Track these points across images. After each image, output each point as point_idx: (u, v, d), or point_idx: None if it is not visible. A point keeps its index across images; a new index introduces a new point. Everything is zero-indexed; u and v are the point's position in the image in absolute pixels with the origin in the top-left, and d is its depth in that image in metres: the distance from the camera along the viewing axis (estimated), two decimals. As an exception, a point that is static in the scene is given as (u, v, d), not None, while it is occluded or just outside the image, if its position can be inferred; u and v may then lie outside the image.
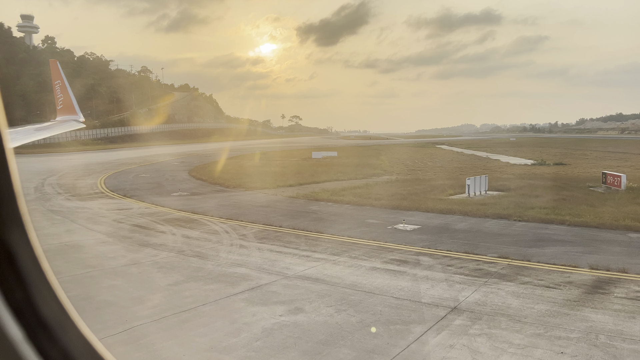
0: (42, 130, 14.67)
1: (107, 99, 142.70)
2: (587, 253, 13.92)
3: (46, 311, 1.16)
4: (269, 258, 13.47)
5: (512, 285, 11.05)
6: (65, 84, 17.49)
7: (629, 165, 48.53)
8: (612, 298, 10.20)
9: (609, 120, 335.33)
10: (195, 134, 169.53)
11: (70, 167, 50.99)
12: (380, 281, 11.39)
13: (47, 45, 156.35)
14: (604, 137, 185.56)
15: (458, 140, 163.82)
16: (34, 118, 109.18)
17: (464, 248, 14.39)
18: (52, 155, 72.80)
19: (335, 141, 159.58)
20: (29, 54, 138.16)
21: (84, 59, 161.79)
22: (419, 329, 8.59)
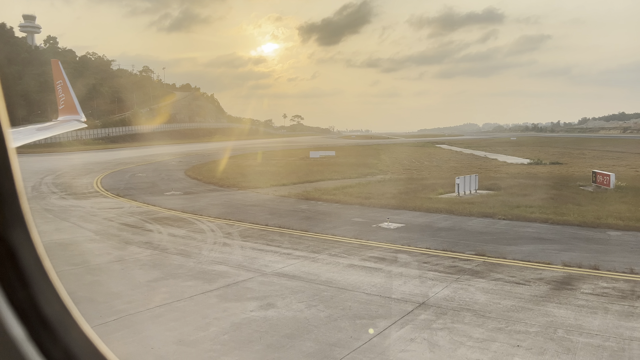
0: (43, 130, 14.77)
1: (109, 99, 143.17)
2: (564, 251, 14.13)
3: (48, 310, 1.16)
4: (250, 256, 13.72)
5: (483, 282, 11.28)
6: (67, 83, 17.59)
7: (625, 165, 48.62)
8: (578, 294, 10.42)
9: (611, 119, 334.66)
10: (196, 134, 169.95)
11: (69, 166, 51.31)
12: (355, 278, 11.63)
13: (49, 45, 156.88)
14: (605, 136, 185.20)
15: (459, 139, 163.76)
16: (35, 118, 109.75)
17: (443, 246, 14.62)
18: (52, 154, 73.18)
19: (335, 141, 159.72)
20: (31, 54, 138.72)
21: (86, 58, 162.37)
22: (384, 324, 8.84)
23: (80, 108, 17.84)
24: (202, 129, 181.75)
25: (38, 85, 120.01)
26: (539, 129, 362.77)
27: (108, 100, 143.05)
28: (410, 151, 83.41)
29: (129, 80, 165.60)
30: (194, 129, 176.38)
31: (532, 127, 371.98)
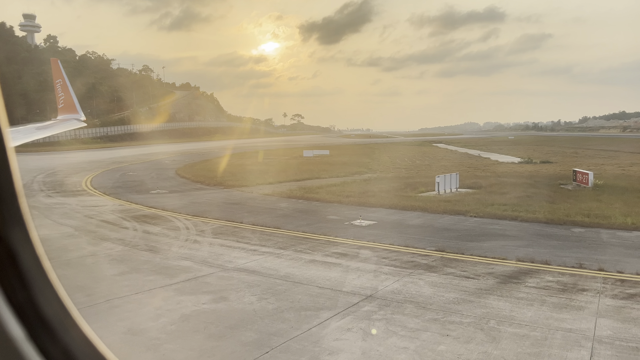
0: (43, 129, 14.86)
1: (108, 98, 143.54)
2: (523, 247, 14.52)
3: (47, 310, 1.16)
4: (217, 252, 14.14)
5: (434, 276, 11.68)
6: (66, 82, 17.70)
7: (613, 163, 48.93)
8: (521, 287, 10.82)
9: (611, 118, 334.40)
10: (195, 133, 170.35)
11: (63, 165, 51.80)
12: (312, 273, 12.04)
13: (49, 44, 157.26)
14: (604, 135, 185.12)
15: (457, 138, 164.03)
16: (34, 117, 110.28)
17: (407, 242, 15.02)
18: (50, 153, 73.67)
19: (334, 140, 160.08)
20: (31, 53, 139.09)
21: (86, 57, 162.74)
22: (327, 315, 9.25)
23: (79, 107, 17.97)
24: (202, 128, 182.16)
25: (37, 84, 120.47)
26: (540, 128, 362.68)
27: (107, 99, 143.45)
28: (406, 150, 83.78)
29: (128, 80, 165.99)
30: (193, 128, 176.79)
31: (533, 126, 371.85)
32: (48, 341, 1.14)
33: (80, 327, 1.21)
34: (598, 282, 11.12)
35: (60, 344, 1.15)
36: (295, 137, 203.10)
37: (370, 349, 7.79)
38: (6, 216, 1.11)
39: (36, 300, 1.15)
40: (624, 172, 39.01)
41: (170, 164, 51.73)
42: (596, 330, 8.44)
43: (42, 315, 1.15)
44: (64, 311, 1.20)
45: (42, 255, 1.19)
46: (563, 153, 70.44)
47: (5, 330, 1.08)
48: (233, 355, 7.61)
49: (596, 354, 7.57)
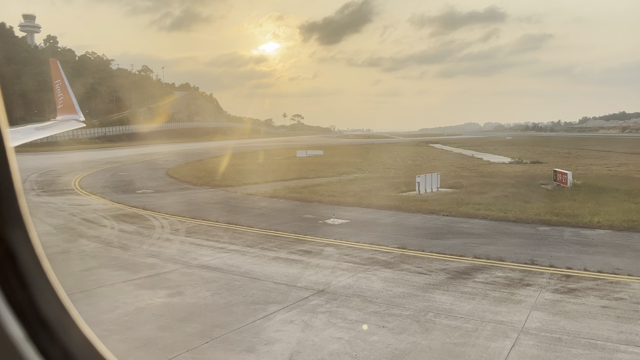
0: (42, 130, 14.91)
1: (107, 99, 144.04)
2: (485, 244, 14.93)
3: (47, 310, 1.16)
4: (185, 250, 14.56)
5: (388, 272, 12.10)
6: (65, 83, 17.77)
7: (602, 164, 49.27)
8: (469, 282, 11.23)
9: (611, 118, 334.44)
10: (194, 133, 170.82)
11: (58, 165, 52.23)
12: (272, 269, 12.46)
13: (48, 44, 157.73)
14: (603, 135, 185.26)
15: (455, 139, 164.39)
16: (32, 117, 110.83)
17: (373, 240, 15.43)
18: (46, 153, 74.04)
19: (332, 140, 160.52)
20: (30, 53, 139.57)
21: (85, 58, 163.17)
22: (274, 308, 9.67)
23: (78, 107, 18.05)
24: (200, 129, 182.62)
25: (36, 84, 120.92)
26: (539, 128, 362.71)
27: (106, 99, 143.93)
28: (401, 150, 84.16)
29: (127, 80, 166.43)
30: (192, 129, 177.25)
31: (533, 127, 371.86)
32: (47, 341, 1.14)
33: (80, 328, 1.21)
34: (544, 278, 11.53)
35: (59, 344, 1.16)
36: (294, 137, 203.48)
37: (306, 339, 8.20)
38: (6, 216, 1.11)
39: (36, 301, 1.15)
40: (609, 172, 39.37)
41: (163, 164, 52.17)
42: (526, 323, 8.85)
43: (41, 316, 1.15)
44: (64, 311, 1.20)
45: (42, 255, 1.18)
46: (556, 153, 70.78)
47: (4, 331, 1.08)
48: (174, 345, 8.02)
49: (518, 344, 7.98)
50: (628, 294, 10.32)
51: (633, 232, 16.52)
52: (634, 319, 8.99)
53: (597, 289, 10.68)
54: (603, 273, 11.83)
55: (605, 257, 13.41)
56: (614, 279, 11.39)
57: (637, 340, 8.07)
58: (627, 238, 15.70)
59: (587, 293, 10.44)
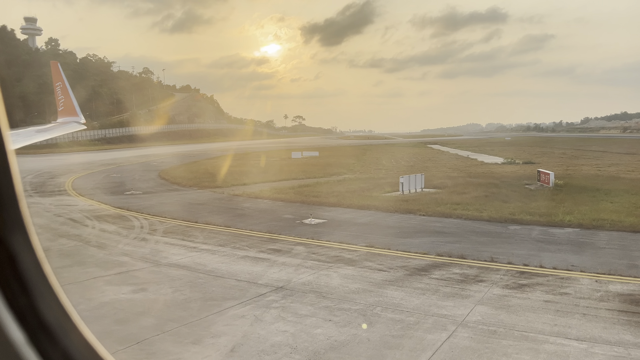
0: (43, 132, 15.08)
1: (108, 101, 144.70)
2: (451, 243, 15.30)
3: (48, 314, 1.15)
4: (158, 249, 14.98)
5: (350, 269, 12.48)
6: (66, 85, 17.95)
7: (594, 164, 49.52)
8: (424, 279, 11.61)
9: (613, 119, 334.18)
10: (194, 135, 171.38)
11: (54, 166, 52.74)
12: (238, 267, 12.86)
13: (50, 47, 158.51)
14: (603, 136, 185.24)
15: (454, 140, 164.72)
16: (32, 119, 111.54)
17: (344, 239, 15.81)
18: (46, 155, 74.59)
19: (331, 141, 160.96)
20: (31, 56, 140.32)
21: (86, 60, 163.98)
22: (229, 304, 10.06)
23: (79, 110, 18.21)
24: (201, 130, 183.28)
25: (37, 87, 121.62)
26: (541, 129, 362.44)
27: (107, 102, 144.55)
28: (397, 151, 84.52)
29: (128, 82, 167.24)
30: (193, 130, 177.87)
31: (534, 127, 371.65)
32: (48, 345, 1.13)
33: (81, 331, 1.21)
34: (499, 274, 11.90)
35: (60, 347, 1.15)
36: (294, 138, 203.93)
37: (252, 333, 8.60)
38: (7, 220, 1.10)
39: (36, 304, 1.15)
40: (598, 172, 39.65)
41: (158, 165, 52.65)
42: (468, 316, 9.22)
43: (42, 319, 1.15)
44: (64, 315, 1.20)
45: (43, 259, 1.18)
46: (551, 154, 71.05)
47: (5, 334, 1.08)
48: (126, 337, 8.42)
49: (454, 336, 8.35)
50: (574, 290, 10.69)
51: (600, 230, 16.86)
52: (572, 312, 9.35)
53: (546, 285, 11.05)
54: (557, 269, 12.19)
55: (565, 254, 13.77)
56: (566, 275, 11.75)
57: (568, 332, 8.43)
58: (592, 236, 16.05)
59: (535, 288, 10.80)
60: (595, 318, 9.07)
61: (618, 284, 11.10)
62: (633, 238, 15.72)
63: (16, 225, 1.13)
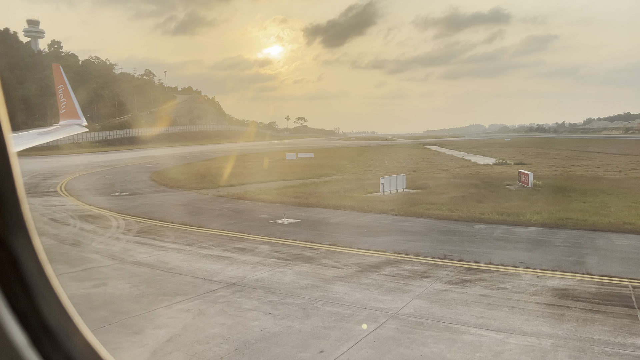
0: (45, 135, 15.27)
1: (110, 103, 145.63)
2: (412, 241, 15.77)
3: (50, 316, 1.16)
4: (127, 248, 15.51)
5: (306, 266, 12.96)
6: (68, 88, 18.16)
7: (584, 165, 49.86)
8: (373, 275, 12.08)
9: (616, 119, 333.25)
10: (195, 137, 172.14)
11: (51, 168, 53.43)
12: (199, 265, 13.36)
13: (52, 49, 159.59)
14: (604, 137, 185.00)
15: (453, 140, 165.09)
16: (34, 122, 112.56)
17: (310, 238, 16.30)
18: (44, 157, 75.20)
19: (332, 142, 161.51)
20: (34, 58, 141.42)
21: (89, 62, 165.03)
22: (179, 299, 10.56)
23: (81, 112, 18.47)
24: (202, 132, 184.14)
25: (39, 89, 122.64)
26: (543, 129, 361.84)
27: (109, 104, 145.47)
28: (394, 153, 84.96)
29: (130, 84, 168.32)
30: (194, 132, 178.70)
31: (537, 128, 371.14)
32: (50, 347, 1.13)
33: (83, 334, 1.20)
34: (447, 271, 12.36)
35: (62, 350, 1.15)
36: (295, 140, 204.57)
37: (192, 325, 9.10)
38: (9, 222, 1.10)
39: (38, 307, 1.15)
40: (585, 173, 40.04)
41: (153, 167, 53.27)
42: (402, 309, 9.70)
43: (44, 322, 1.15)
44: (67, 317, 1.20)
45: (45, 261, 1.18)
46: (546, 155, 71.39)
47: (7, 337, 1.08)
48: (73, 329, 8.93)
49: (382, 327, 8.83)
50: (512, 285, 11.14)
51: (562, 229, 17.30)
52: (501, 306, 9.81)
53: (488, 280, 11.51)
54: (504, 266, 12.66)
55: (518, 252, 14.22)
56: (510, 272, 12.21)
57: (490, 324, 8.89)
58: (552, 235, 16.49)
59: (476, 284, 11.27)
60: (521, 311, 9.53)
61: (557, 279, 11.54)
62: (590, 236, 16.14)
63: (18, 228, 1.13)
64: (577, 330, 8.59)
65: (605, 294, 10.49)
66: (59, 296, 1.21)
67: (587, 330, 8.58)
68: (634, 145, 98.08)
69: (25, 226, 1.14)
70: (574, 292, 10.60)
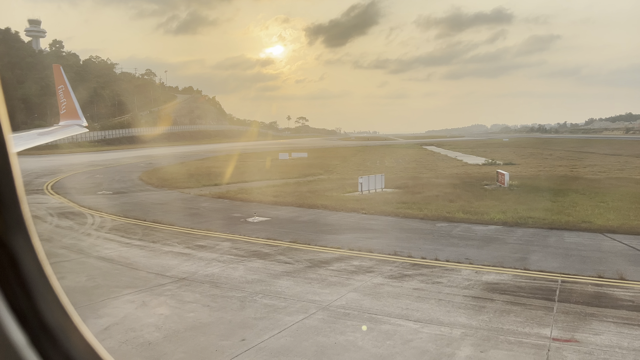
0: (45, 135, 15.42)
1: (110, 102, 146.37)
2: (371, 238, 16.28)
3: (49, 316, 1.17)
4: (95, 244, 16.07)
5: (259, 262, 13.49)
6: (68, 88, 18.31)
7: (571, 165, 50.27)
8: (321, 270, 12.59)
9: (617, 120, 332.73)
10: (195, 136, 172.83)
11: (45, 167, 54.04)
12: (156, 261, 13.89)
13: (54, 49, 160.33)
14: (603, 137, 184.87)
15: (452, 141, 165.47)
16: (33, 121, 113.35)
17: (273, 235, 16.83)
18: (41, 156, 75.91)
19: (331, 142, 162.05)
20: (35, 58, 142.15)
21: (89, 62, 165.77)
22: (128, 291, 11.11)
23: (81, 113, 18.63)
24: (202, 132, 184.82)
25: (39, 89, 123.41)
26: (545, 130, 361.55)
27: (109, 103, 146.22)
28: (389, 153, 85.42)
29: (131, 84, 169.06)
30: (193, 132, 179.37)
31: (538, 128, 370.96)
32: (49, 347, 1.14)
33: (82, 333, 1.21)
34: (392, 266, 12.87)
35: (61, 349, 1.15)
36: (295, 140, 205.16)
37: (132, 314, 9.64)
38: (8, 222, 1.10)
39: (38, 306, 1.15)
40: (569, 173, 40.48)
41: (145, 166, 53.88)
42: (334, 302, 10.21)
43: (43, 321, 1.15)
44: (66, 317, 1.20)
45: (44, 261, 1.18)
46: (539, 155, 71.81)
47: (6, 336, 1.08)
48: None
49: (309, 317, 9.34)
50: (449, 279, 11.65)
51: (520, 227, 17.79)
52: (429, 299, 10.32)
53: (427, 275, 12.01)
54: (449, 262, 13.16)
55: (468, 249, 14.72)
56: (452, 267, 12.72)
57: (411, 315, 9.41)
58: (508, 233, 16.98)
59: (414, 278, 11.78)
60: (446, 303, 10.04)
61: (494, 274, 12.05)
62: (544, 234, 16.63)
63: (17, 227, 1.13)
64: (491, 320, 9.10)
65: (532, 288, 10.99)
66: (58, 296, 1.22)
67: (500, 321, 9.08)
68: (629, 145, 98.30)
69: (24, 226, 1.15)
70: (504, 286, 11.09)
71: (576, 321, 9.00)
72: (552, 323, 8.93)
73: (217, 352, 7.94)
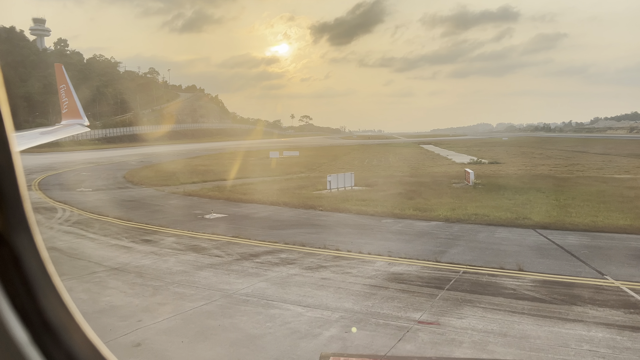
0: (47, 134, 15.64)
1: (112, 101, 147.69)
2: (311, 233, 17.09)
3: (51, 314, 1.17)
4: (53, 236, 17.02)
5: (192, 255, 14.32)
6: (70, 88, 18.52)
7: (555, 164, 50.70)
8: (247, 263, 13.42)
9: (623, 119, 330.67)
10: (197, 135, 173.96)
11: (39, 165, 55.15)
12: (100, 253, 14.78)
13: (58, 47, 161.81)
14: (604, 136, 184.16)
15: (451, 140, 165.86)
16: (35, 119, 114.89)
17: (220, 231, 17.66)
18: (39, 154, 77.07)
19: (331, 141, 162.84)
20: (39, 56, 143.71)
21: (93, 61, 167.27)
22: (62, 278, 11.98)
23: (83, 112, 18.92)
24: (203, 130, 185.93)
25: (42, 87, 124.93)
26: (550, 129, 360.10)
27: (111, 102, 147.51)
28: (383, 151, 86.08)
29: (134, 83, 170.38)
30: (195, 130, 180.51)
31: (542, 127, 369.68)
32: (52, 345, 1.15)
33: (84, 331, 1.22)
34: (315, 258, 13.68)
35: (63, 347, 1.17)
36: (297, 138, 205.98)
37: (51, 300, 10.52)
38: (11, 220, 1.12)
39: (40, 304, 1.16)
40: (544, 172, 40.99)
41: (135, 164, 54.96)
42: (241, 290, 11.05)
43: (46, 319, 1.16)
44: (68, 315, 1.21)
45: (47, 259, 1.20)
46: (530, 154, 72.26)
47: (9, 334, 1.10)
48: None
49: (209, 303, 10.19)
50: (359, 270, 12.45)
51: (459, 223, 18.55)
52: (330, 287, 11.13)
53: (341, 266, 12.81)
54: (370, 255, 13.96)
55: (397, 243, 15.50)
56: (370, 259, 13.52)
57: (304, 301, 10.21)
58: (444, 229, 17.75)
59: (328, 269, 12.58)
60: (342, 291, 10.84)
61: (404, 266, 12.83)
62: (478, 230, 17.38)
63: (20, 226, 1.14)
64: (374, 306, 9.90)
65: (431, 278, 11.77)
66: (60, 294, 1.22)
67: (382, 306, 9.88)
68: (625, 145, 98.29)
69: (27, 224, 1.15)
70: (406, 277, 11.88)
71: (450, 307, 9.78)
72: (427, 308, 9.72)
73: (110, 331, 8.79)
